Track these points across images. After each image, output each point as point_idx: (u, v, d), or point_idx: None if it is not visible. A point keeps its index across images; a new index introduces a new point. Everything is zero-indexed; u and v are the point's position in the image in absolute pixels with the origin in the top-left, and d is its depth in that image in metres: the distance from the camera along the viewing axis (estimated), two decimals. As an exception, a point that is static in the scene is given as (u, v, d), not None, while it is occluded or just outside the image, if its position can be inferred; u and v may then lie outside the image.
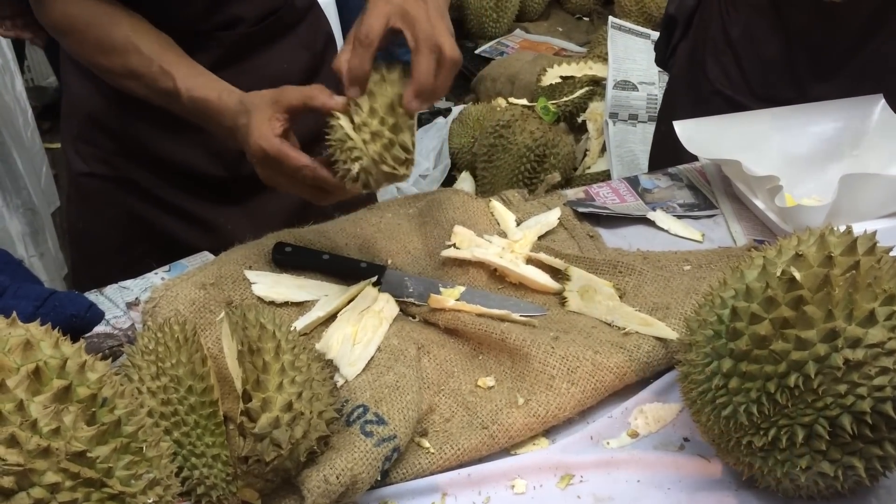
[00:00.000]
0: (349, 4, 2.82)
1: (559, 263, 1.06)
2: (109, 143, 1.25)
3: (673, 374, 0.92)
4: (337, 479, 0.76)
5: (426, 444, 0.84)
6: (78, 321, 0.90)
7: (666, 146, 1.45)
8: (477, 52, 3.37)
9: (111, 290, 1.06)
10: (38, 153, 2.44)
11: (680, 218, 1.20)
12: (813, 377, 0.69)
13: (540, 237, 1.12)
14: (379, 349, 0.92)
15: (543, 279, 1.04)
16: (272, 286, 1.00)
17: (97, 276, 1.09)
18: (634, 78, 2.51)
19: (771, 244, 0.79)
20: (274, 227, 1.10)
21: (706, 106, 1.35)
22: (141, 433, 0.64)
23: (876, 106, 1.27)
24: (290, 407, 0.74)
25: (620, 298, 1.01)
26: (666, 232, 1.18)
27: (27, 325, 0.65)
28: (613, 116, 2.52)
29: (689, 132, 1.24)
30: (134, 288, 1.06)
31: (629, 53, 2.56)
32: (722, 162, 1.25)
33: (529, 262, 1.06)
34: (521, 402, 0.88)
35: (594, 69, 2.82)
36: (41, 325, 0.66)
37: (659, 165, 1.38)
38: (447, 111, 3.07)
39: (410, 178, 3.00)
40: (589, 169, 2.61)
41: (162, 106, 1.05)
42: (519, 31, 3.49)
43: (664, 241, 1.16)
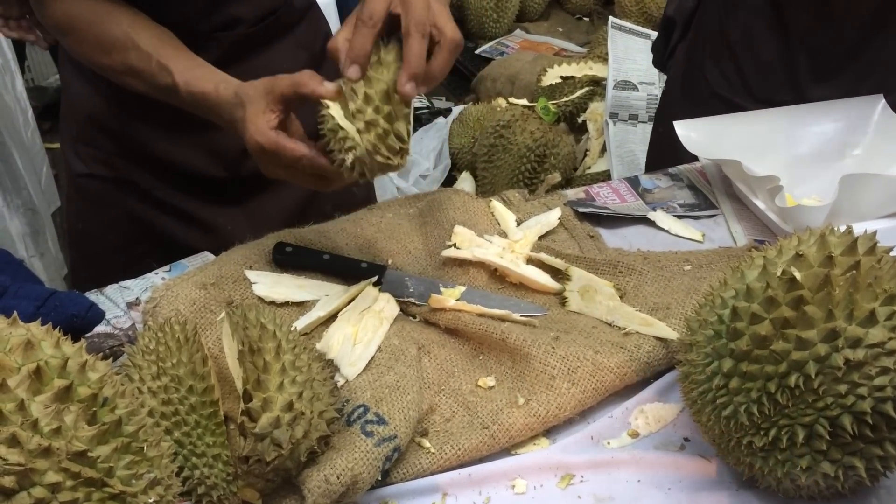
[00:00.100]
0: (349, 4, 2.82)
1: (559, 263, 1.06)
2: (109, 143, 1.25)
3: (673, 374, 0.92)
4: (337, 478, 0.76)
5: (427, 443, 0.84)
6: (79, 321, 0.90)
7: (663, 148, 1.45)
8: (477, 52, 3.37)
9: (112, 290, 1.06)
10: (38, 153, 2.44)
11: (680, 218, 1.20)
12: (813, 377, 0.69)
13: (540, 237, 1.12)
14: (379, 349, 0.92)
15: (544, 279, 1.04)
16: (273, 286, 1.00)
17: (97, 276, 1.09)
18: (634, 78, 2.51)
19: (771, 244, 0.79)
20: (274, 227, 1.10)
21: (704, 108, 1.35)
22: (142, 433, 0.65)
23: (876, 106, 1.27)
24: (290, 407, 0.74)
25: (621, 298, 1.01)
26: (666, 232, 1.18)
27: (28, 324, 0.65)
28: (614, 116, 2.52)
29: (689, 132, 1.24)
30: (134, 288, 1.06)
31: (629, 53, 2.56)
32: (722, 162, 1.25)
33: (530, 262, 1.06)
34: (521, 402, 0.88)
35: (594, 69, 2.82)
36: (42, 324, 0.66)
37: (656, 168, 1.38)
38: (447, 111, 3.07)
39: (410, 178, 2.98)
40: (589, 169, 2.61)
41: (165, 102, 1.05)
42: (519, 31, 3.49)
43: (664, 241, 1.16)
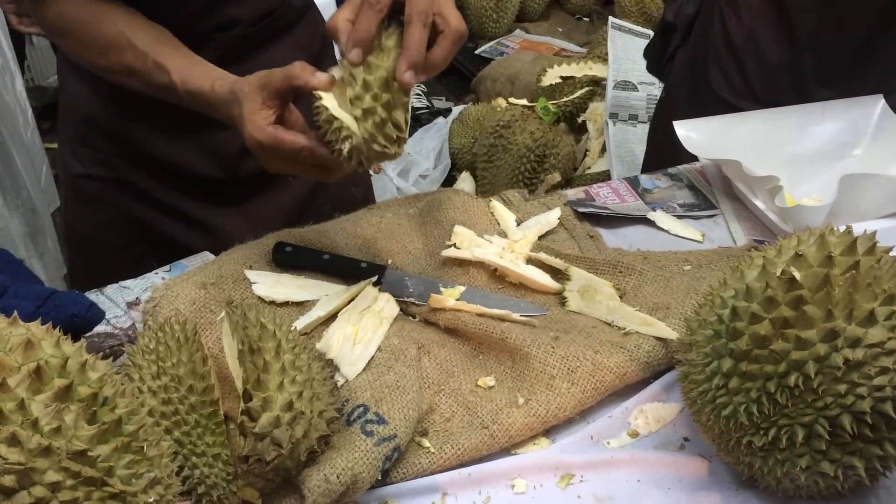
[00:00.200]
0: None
1: (559, 263, 1.06)
2: (107, 144, 1.25)
3: (673, 373, 0.92)
4: (337, 478, 0.76)
5: (426, 443, 0.84)
6: (79, 321, 0.90)
7: (663, 154, 1.45)
8: (477, 52, 3.37)
9: (112, 289, 1.06)
10: (38, 153, 2.44)
11: (680, 218, 1.20)
12: (813, 377, 0.69)
13: (540, 237, 1.12)
14: (379, 349, 0.92)
15: (543, 279, 1.04)
16: (272, 286, 1.00)
17: (95, 278, 1.09)
18: (634, 78, 2.51)
19: (771, 244, 0.79)
20: (273, 227, 1.10)
21: (708, 113, 1.34)
22: (142, 432, 0.65)
23: (876, 106, 1.27)
24: (290, 406, 0.74)
25: (620, 298, 1.01)
26: (666, 232, 1.18)
27: (28, 324, 0.65)
28: (613, 117, 2.52)
29: (688, 132, 1.24)
30: (134, 288, 1.06)
31: (629, 54, 2.56)
32: (722, 162, 1.25)
33: (529, 262, 1.07)
34: (521, 401, 0.88)
35: (594, 69, 2.82)
36: (42, 324, 0.66)
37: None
38: (447, 111, 3.07)
39: (410, 178, 2.98)
40: (589, 169, 2.61)
41: (164, 102, 1.05)
42: (519, 31, 3.49)
43: (664, 241, 1.16)
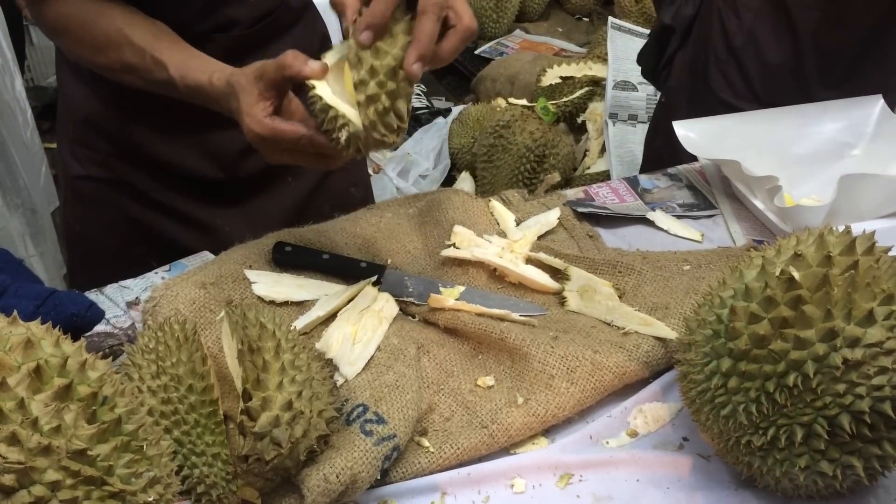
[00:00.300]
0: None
1: (559, 263, 1.06)
2: (106, 145, 1.25)
3: (672, 373, 0.92)
4: (337, 477, 0.76)
5: (426, 443, 0.84)
6: (78, 320, 0.90)
7: (661, 157, 1.44)
8: (477, 52, 3.37)
9: (111, 289, 1.06)
10: (37, 153, 2.44)
11: (679, 218, 1.20)
12: (812, 377, 0.69)
13: (539, 237, 1.12)
14: (379, 348, 0.92)
15: (543, 279, 1.04)
16: (272, 285, 1.00)
17: (94, 278, 1.09)
18: (634, 78, 2.51)
19: (770, 244, 0.79)
20: (272, 228, 1.10)
21: (709, 115, 1.33)
22: (141, 432, 0.65)
23: (875, 106, 1.27)
24: (289, 406, 0.74)
25: (620, 298, 1.01)
26: (665, 232, 1.18)
27: (28, 323, 0.65)
28: (613, 117, 2.52)
29: (688, 132, 1.25)
30: (134, 287, 1.06)
31: (629, 54, 2.55)
32: (721, 162, 1.25)
33: (529, 261, 1.07)
34: (520, 401, 0.88)
35: (594, 69, 2.82)
36: (42, 323, 0.66)
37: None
38: (447, 111, 3.07)
39: (410, 178, 2.97)
40: (588, 169, 2.61)
41: (163, 102, 1.05)
42: (519, 31, 3.49)
43: (663, 241, 1.16)
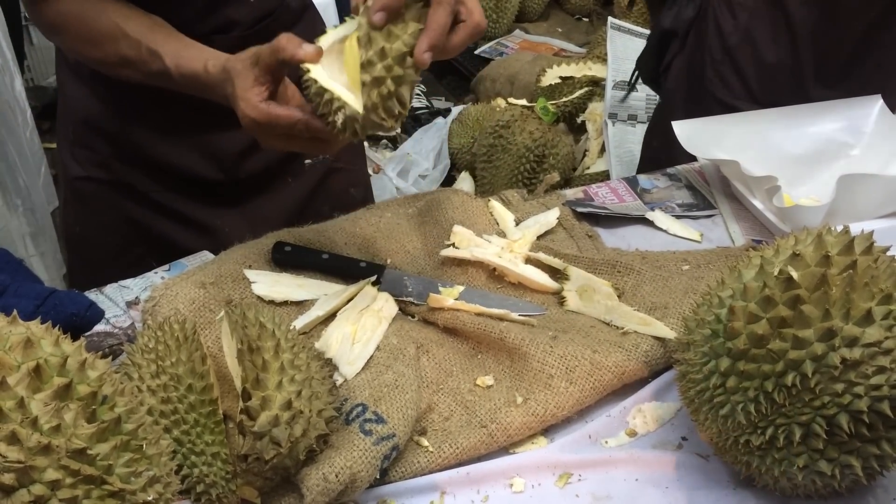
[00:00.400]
0: (348, 4, 2.82)
1: (558, 263, 1.06)
2: (105, 146, 1.25)
3: (671, 373, 0.92)
4: (336, 477, 0.76)
5: (425, 442, 0.85)
6: (78, 320, 0.90)
7: (659, 158, 1.44)
8: (476, 52, 3.37)
9: (111, 289, 1.06)
10: (37, 153, 2.44)
11: (678, 218, 1.20)
12: (810, 376, 0.69)
13: (539, 237, 1.12)
14: (378, 348, 0.92)
15: (542, 279, 1.04)
16: (272, 285, 1.01)
17: (94, 279, 1.09)
18: (640, 77, 2.51)
19: (769, 244, 0.79)
20: (271, 229, 1.10)
21: (706, 115, 1.33)
22: (141, 431, 0.65)
23: (874, 106, 1.27)
24: (289, 405, 0.74)
25: (619, 298, 1.01)
26: (664, 232, 1.18)
27: (28, 323, 0.65)
28: (613, 117, 2.52)
29: (687, 132, 1.25)
30: (134, 287, 1.06)
31: (628, 54, 2.55)
32: (720, 162, 1.25)
33: (528, 261, 1.07)
34: (519, 401, 0.88)
35: (593, 70, 2.82)
36: (42, 323, 0.66)
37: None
38: (447, 111, 3.07)
39: (410, 178, 2.96)
40: (588, 169, 2.61)
41: (165, 95, 1.05)
42: (518, 31, 3.49)
43: (663, 240, 1.16)
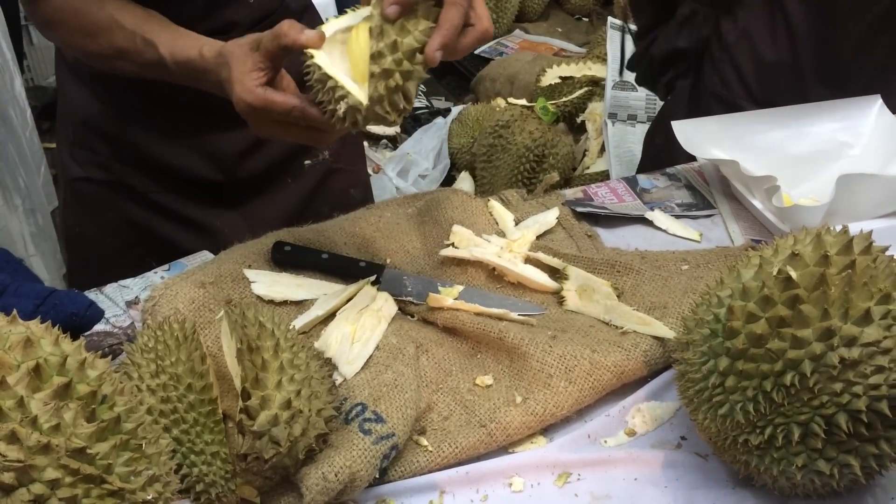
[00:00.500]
0: (348, 5, 2.82)
1: (557, 263, 1.06)
2: (105, 147, 1.25)
3: (670, 372, 0.92)
4: (335, 476, 0.76)
5: (424, 442, 0.85)
6: (78, 319, 0.90)
7: (660, 157, 1.44)
8: (476, 52, 3.37)
9: (111, 288, 1.06)
10: (37, 153, 2.44)
11: (678, 218, 1.21)
12: (809, 376, 0.69)
13: (538, 237, 1.12)
14: (377, 348, 0.92)
15: (542, 278, 1.04)
16: (271, 285, 1.01)
17: (94, 279, 1.09)
18: (633, 78, 2.51)
19: (768, 244, 0.79)
20: (271, 230, 1.10)
21: (706, 113, 1.32)
22: (140, 430, 0.65)
23: (873, 106, 1.27)
24: (288, 405, 0.74)
25: (618, 298, 1.01)
26: (664, 232, 1.18)
27: (27, 322, 0.65)
28: (612, 117, 2.52)
29: (686, 132, 1.25)
30: (133, 287, 1.06)
31: (628, 54, 2.56)
32: (720, 162, 1.25)
33: (528, 261, 1.07)
34: (519, 400, 0.88)
35: (593, 69, 2.81)
36: (41, 322, 0.66)
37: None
38: (447, 111, 3.07)
39: (409, 178, 2.96)
40: (588, 169, 2.61)
41: (159, 87, 1.05)
42: (518, 31, 3.49)
43: (662, 240, 1.16)
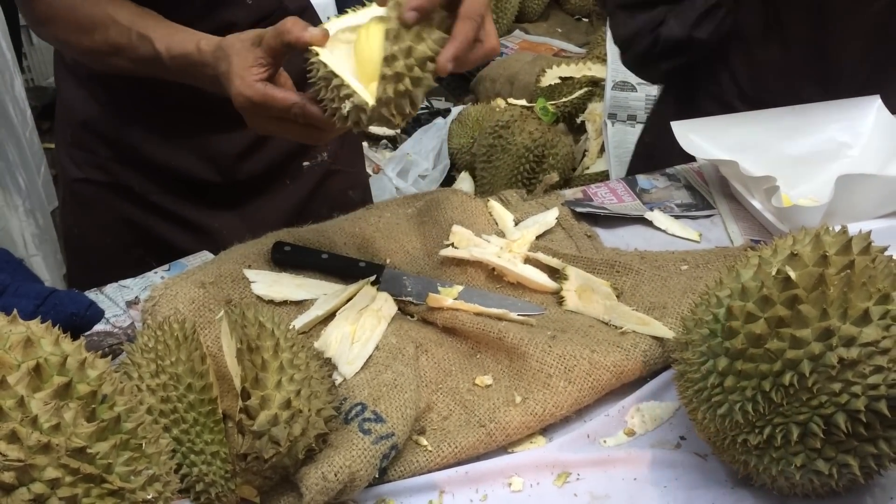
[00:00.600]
0: (348, 5, 2.82)
1: (557, 263, 1.06)
2: (104, 149, 1.25)
3: (669, 372, 0.92)
4: (335, 476, 0.76)
5: (424, 442, 0.85)
6: (78, 319, 0.90)
7: (651, 154, 1.43)
8: (476, 52, 3.37)
9: (111, 288, 1.06)
10: (37, 153, 2.44)
11: (677, 218, 1.21)
12: (808, 376, 0.69)
13: (538, 237, 1.12)
14: (377, 348, 0.92)
15: (541, 279, 1.04)
16: (271, 285, 1.01)
17: (93, 280, 1.09)
18: (633, 79, 2.51)
19: (767, 244, 0.80)
20: (269, 231, 1.10)
21: (699, 111, 1.32)
22: (140, 430, 0.65)
23: (872, 107, 1.27)
24: (288, 404, 0.74)
25: (618, 298, 1.01)
26: (663, 232, 1.18)
27: (28, 322, 0.65)
28: (612, 117, 2.52)
29: (686, 132, 1.25)
30: (134, 287, 1.06)
31: (628, 54, 2.56)
32: (719, 162, 1.25)
33: (527, 261, 1.07)
34: (518, 400, 0.88)
35: (593, 70, 2.82)
36: (42, 322, 0.66)
37: (639, 172, 1.35)
38: (446, 112, 3.07)
39: (409, 178, 2.96)
40: (588, 169, 2.61)
41: (150, 77, 1.04)
42: (518, 31, 3.49)
43: (662, 240, 1.17)
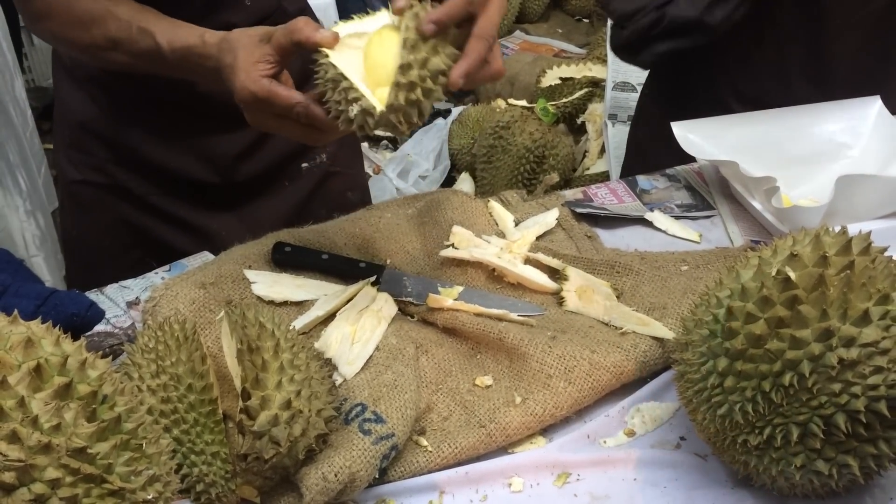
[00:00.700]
0: (348, 6, 2.83)
1: (557, 263, 1.06)
2: (102, 150, 1.25)
3: (669, 373, 0.92)
4: (335, 476, 0.76)
5: (424, 442, 0.85)
6: (79, 320, 0.90)
7: (644, 150, 1.43)
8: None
9: (111, 289, 1.06)
10: (37, 153, 2.45)
11: (677, 218, 1.21)
12: (807, 376, 0.69)
13: (538, 237, 1.12)
14: (377, 348, 0.92)
15: (541, 279, 1.04)
16: (271, 285, 1.01)
17: (92, 281, 1.09)
18: (633, 79, 2.51)
19: (767, 245, 0.80)
20: (268, 232, 1.10)
21: (691, 109, 1.31)
22: (141, 430, 0.65)
23: (873, 107, 1.27)
24: (288, 405, 0.74)
25: (618, 298, 1.01)
26: (663, 232, 1.18)
27: (28, 323, 0.65)
28: (612, 118, 2.52)
29: (686, 133, 1.25)
30: (134, 287, 1.07)
31: (628, 55, 2.56)
32: (719, 163, 1.25)
33: (527, 262, 1.07)
34: (518, 400, 0.88)
35: (593, 70, 2.82)
36: (42, 323, 0.66)
37: (631, 172, 1.34)
38: (447, 112, 3.07)
39: (410, 179, 2.96)
40: (588, 170, 2.61)
41: (150, 72, 1.04)
42: (519, 32, 3.49)
43: (662, 241, 1.17)
